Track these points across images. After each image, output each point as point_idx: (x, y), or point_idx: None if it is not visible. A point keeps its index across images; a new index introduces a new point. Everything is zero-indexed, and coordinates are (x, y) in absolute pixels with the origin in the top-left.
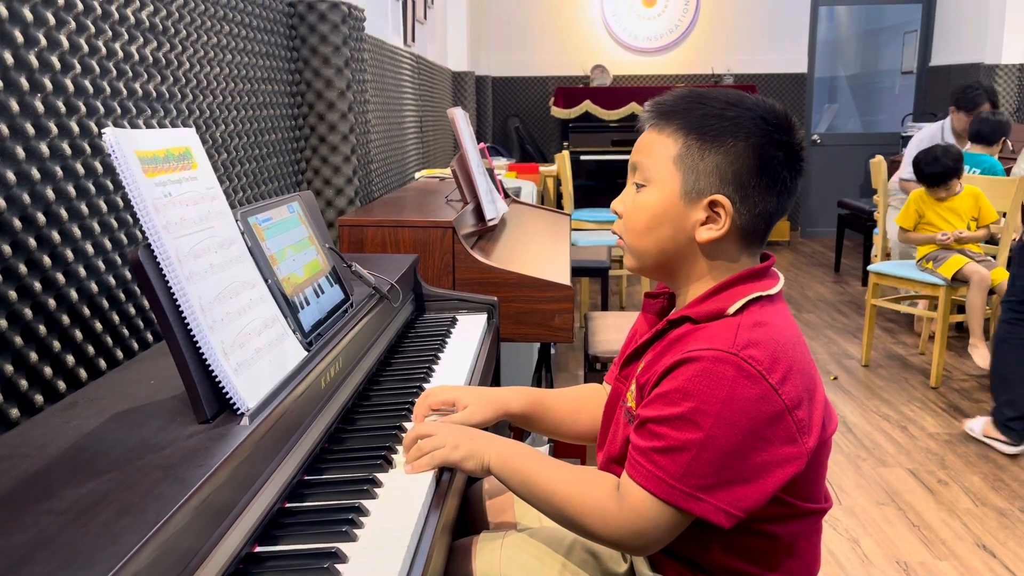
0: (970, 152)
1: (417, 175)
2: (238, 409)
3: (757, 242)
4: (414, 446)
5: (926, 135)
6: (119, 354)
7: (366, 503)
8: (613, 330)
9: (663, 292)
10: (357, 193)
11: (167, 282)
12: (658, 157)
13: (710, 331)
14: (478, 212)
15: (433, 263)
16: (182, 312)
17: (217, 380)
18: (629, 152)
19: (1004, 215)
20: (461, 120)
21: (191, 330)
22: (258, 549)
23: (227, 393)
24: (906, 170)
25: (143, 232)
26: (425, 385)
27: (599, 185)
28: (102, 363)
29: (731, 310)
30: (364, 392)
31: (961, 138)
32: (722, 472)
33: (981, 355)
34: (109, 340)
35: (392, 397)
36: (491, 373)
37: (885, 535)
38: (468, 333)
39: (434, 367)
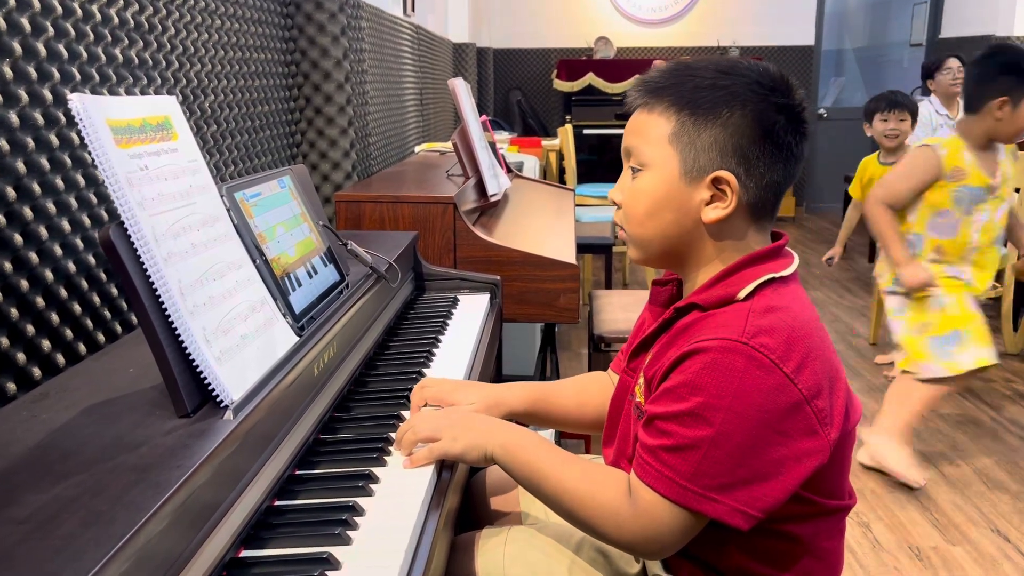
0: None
1: (417, 149)
2: (221, 401)
3: (767, 217)
4: (410, 435)
5: (923, 115)
6: (100, 338)
7: (361, 501)
8: (619, 309)
9: (671, 279)
10: (355, 167)
11: (142, 263)
12: (652, 138)
13: (719, 319)
14: (480, 187)
15: (434, 241)
16: (159, 296)
17: (198, 370)
18: None
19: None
20: (462, 91)
21: (169, 316)
22: (243, 553)
23: (209, 384)
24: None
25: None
26: (425, 371)
27: (602, 159)
28: (81, 347)
29: (741, 295)
30: (360, 378)
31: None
32: (737, 470)
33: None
34: (89, 323)
35: (390, 383)
36: (494, 356)
37: (896, 519)
38: (470, 314)
39: (434, 351)
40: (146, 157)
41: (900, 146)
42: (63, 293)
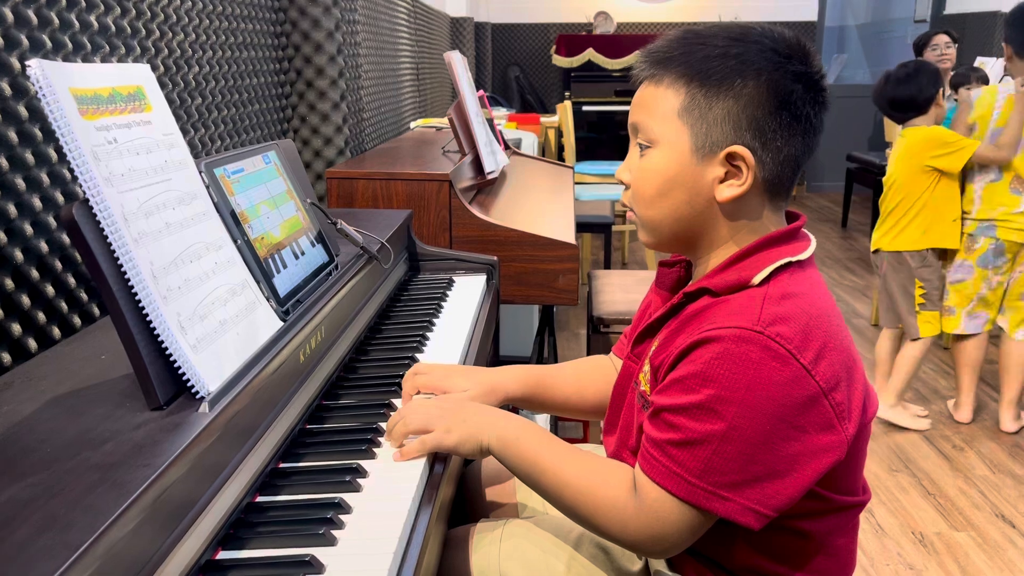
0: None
1: (413, 125)
2: (197, 393)
3: (783, 194)
4: (400, 426)
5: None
6: (76, 321)
7: (348, 497)
8: (618, 290)
9: (679, 260)
10: (347, 143)
11: (110, 244)
12: (660, 113)
13: (732, 305)
14: (477, 164)
15: (428, 219)
16: (128, 280)
17: (172, 359)
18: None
19: None
20: (459, 64)
21: (140, 301)
22: (220, 555)
23: (184, 374)
24: None
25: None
26: (418, 356)
27: (601, 137)
28: (56, 331)
29: (756, 280)
30: (350, 364)
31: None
32: (749, 467)
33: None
34: (64, 306)
35: (381, 369)
36: (490, 339)
37: (900, 504)
38: (466, 296)
39: (428, 335)
40: (115, 130)
41: None
42: (34, 274)
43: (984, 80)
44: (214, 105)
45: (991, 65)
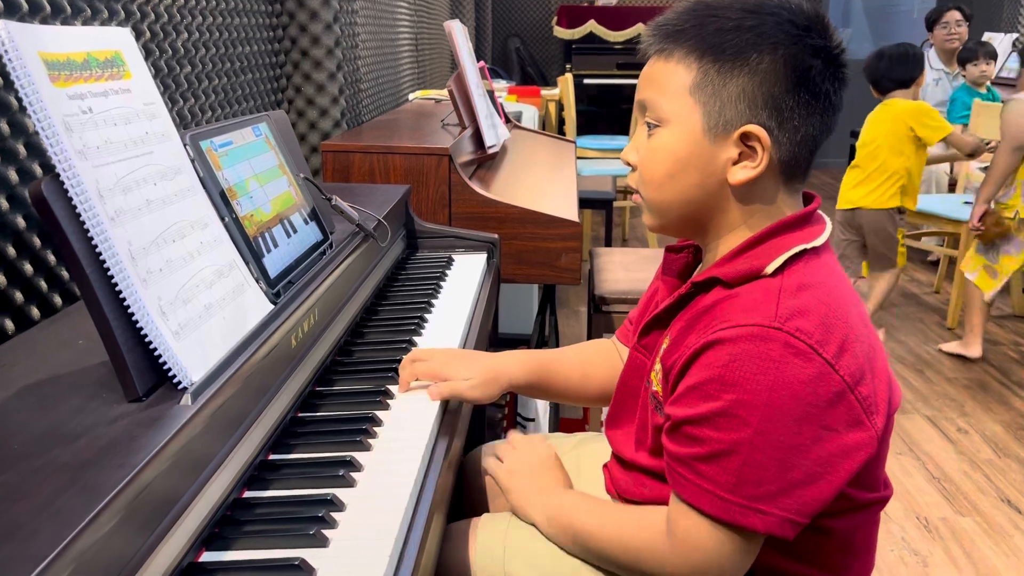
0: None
1: (411, 96)
2: (179, 383)
3: (799, 176)
4: (500, 472)
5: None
6: (57, 300)
7: (341, 493)
8: (620, 268)
9: (687, 245)
10: (343, 115)
11: (83, 223)
12: (670, 90)
13: (746, 299)
14: (477, 138)
15: (427, 195)
16: (104, 261)
17: (152, 347)
18: (635, 76)
19: None
20: (459, 34)
21: (116, 284)
22: (204, 557)
23: (165, 363)
24: None
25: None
26: (416, 339)
27: (602, 111)
28: (35, 312)
29: (769, 269)
30: (345, 347)
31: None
32: (783, 474)
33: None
34: (43, 284)
35: (378, 353)
36: (491, 321)
37: (904, 488)
38: (466, 276)
39: (427, 316)
40: (90, 98)
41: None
42: (11, 251)
43: (992, 55)
44: (204, 74)
45: (999, 40)
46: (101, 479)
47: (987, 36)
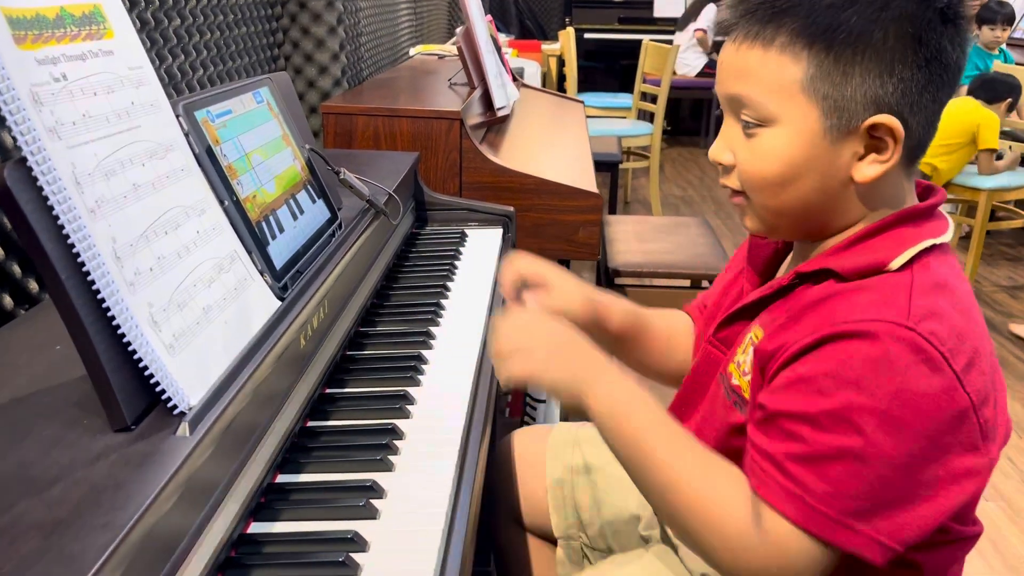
0: None
1: (412, 51)
2: (175, 407)
3: (919, 158)
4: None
5: None
6: (33, 286)
7: (363, 527)
8: (634, 238)
9: None
10: (344, 72)
11: (56, 217)
12: (776, 85)
13: (872, 294)
14: (486, 99)
15: (436, 163)
16: (82, 262)
17: (142, 365)
18: (637, 31)
19: None
20: None
21: (98, 290)
22: None
23: (157, 383)
24: None
25: (15, 139)
26: (433, 328)
27: (601, 66)
28: (7, 301)
29: (894, 264)
30: (355, 339)
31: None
32: (883, 491)
33: None
34: (16, 269)
35: (392, 347)
36: None
37: None
38: (481, 254)
39: (443, 302)
40: (64, 63)
41: None
42: None
43: (1010, 19)
44: (195, 28)
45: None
46: (79, 547)
47: None
